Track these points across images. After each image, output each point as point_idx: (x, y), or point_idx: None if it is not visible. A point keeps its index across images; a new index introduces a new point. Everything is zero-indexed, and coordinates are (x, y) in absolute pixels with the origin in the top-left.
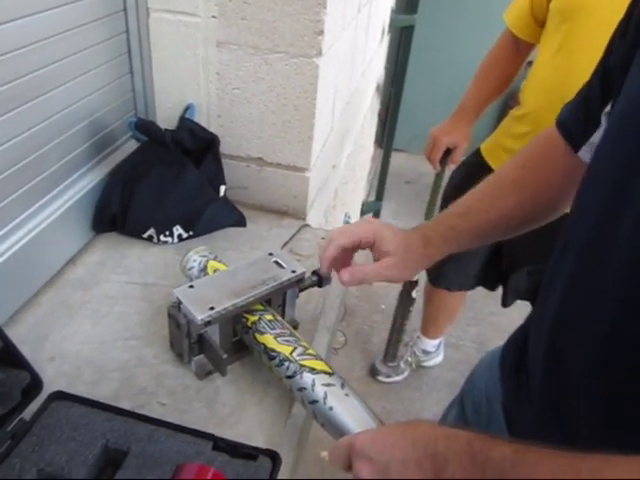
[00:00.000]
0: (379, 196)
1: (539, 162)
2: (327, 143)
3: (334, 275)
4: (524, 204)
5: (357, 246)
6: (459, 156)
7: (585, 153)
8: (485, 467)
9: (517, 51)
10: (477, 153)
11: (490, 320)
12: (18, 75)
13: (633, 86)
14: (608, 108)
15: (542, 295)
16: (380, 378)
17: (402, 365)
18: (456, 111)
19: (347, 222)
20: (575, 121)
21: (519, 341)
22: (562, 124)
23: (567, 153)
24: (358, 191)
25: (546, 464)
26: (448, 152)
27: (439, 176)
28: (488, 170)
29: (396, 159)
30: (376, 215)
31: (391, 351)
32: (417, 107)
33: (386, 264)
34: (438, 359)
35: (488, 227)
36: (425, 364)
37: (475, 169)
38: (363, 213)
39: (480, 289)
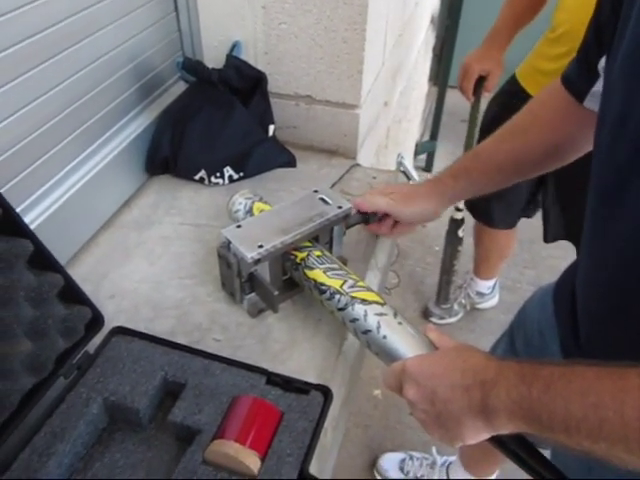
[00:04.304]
0: (434, 135)
1: (546, 109)
2: (378, 78)
3: None
4: (530, 146)
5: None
6: (493, 84)
7: (590, 103)
8: (532, 382)
9: None
10: (513, 80)
11: (548, 263)
12: (61, 18)
13: (633, 33)
14: (603, 61)
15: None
16: (433, 320)
17: (456, 307)
18: (488, 36)
19: (400, 162)
20: (577, 74)
21: (572, 277)
22: (565, 78)
23: (574, 104)
24: (411, 130)
25: (592, 370)
26: (481, 80)
27: (474, 107)
28: (526, 97)
29: (452, 96)
30: (430, 156)
31: (443, 293)
32: (474, 41)
33: (394, 197)
34: (493, 301)
35: (496, 167)
36: (479, 306)
37: (512, 97)
38: (417, 153)
39: (538, 232)
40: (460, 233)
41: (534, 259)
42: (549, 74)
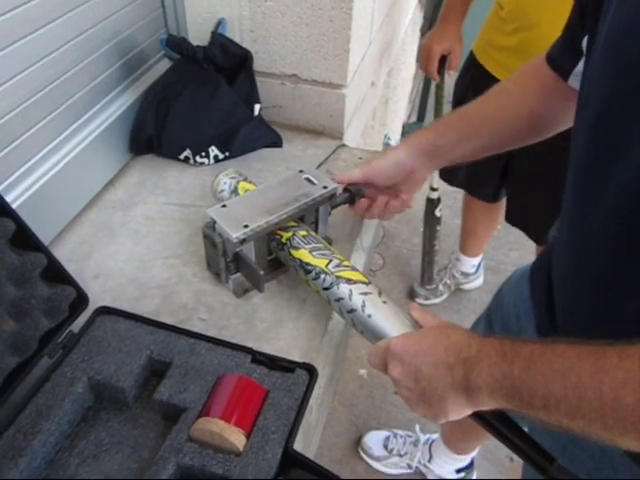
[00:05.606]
0: (420, 117)
1: (530, 80)
2: (365, 58)
3: None
4: (511, 111)
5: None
6: (456, 61)
7: (575, 82)
8: (514, 360)
9: None
10: (471, 57)
11: (532, 245)
12: None
13: (614, 17)
14: (585, 40)
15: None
16: (419, 300)
17: (441, 288)
18: (442, 14)
19: (387, 144)
20: (561, 53)
21: (548, 263)
22: (549, 57)
23: (557, 81)
24: (398, 111)
25: (573, 349)
26: (444, 60)
27: (440, 87)
28: (486, 74)
29: None
30: None
31: (427, 274)
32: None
33: (368, 165)
34: (478, 282)
35: (472, 126)
36: (464, 287)
37: (473, 76)
38: (404, 134)
39: None
40: (437, 213)
41: (518, 241)
42: (502, 50)
